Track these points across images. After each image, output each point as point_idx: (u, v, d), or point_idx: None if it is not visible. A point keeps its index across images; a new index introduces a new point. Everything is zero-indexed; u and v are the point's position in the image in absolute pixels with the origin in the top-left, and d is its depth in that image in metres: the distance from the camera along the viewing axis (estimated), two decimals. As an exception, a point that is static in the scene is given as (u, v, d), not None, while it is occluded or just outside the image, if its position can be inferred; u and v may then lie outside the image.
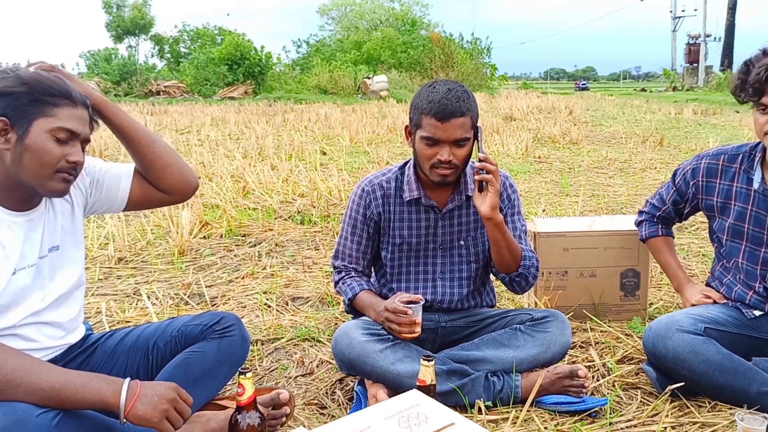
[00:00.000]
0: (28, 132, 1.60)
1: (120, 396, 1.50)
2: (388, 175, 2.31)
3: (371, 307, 2.20)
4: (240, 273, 3.67)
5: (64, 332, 1.86)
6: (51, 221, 1.80)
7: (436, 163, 2.09)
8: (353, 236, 2.32)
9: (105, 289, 3.42)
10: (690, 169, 2.37)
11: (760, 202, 2.17)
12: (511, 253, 2.17)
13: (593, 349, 2.55)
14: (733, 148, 2.30)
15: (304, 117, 15.33)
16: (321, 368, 2.45)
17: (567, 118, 14.85)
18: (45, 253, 1.77)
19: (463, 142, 2.08)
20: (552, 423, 2.00)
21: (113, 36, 50.38)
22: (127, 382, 1.53)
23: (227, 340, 1.98)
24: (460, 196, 2.25)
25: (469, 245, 2.30)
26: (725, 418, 1.99)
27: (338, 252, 2.37)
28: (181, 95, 27.30)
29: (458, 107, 2.04)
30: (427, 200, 2.24)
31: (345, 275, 2.33)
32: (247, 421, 1.67)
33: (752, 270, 2.21)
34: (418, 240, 2.27)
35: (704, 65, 38.98)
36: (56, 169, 1.64)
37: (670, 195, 2.47)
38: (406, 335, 2.04)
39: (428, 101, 2.06)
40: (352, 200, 2.32)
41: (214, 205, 5.28)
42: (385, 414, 1.37)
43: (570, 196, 5.82)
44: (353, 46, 37.55)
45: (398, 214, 2.27)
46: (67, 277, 1.85)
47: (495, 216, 2.08)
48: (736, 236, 2.22)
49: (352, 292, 2.26)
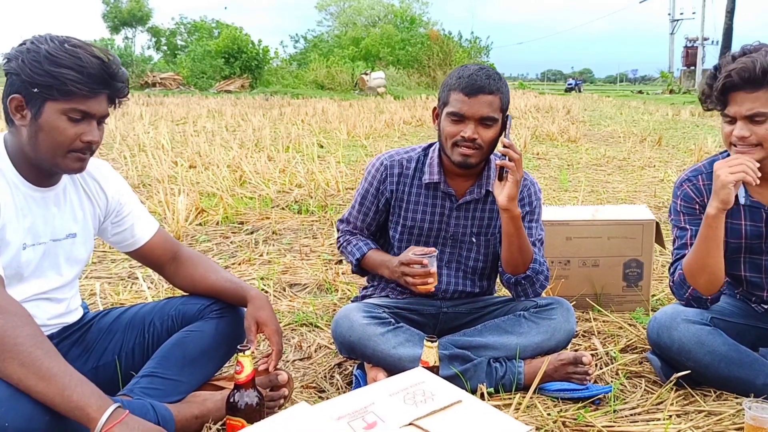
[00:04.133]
0: (42, 111, 1.56)
1: (103, 414, 1.35)
2: (411, 154, 2.26)
3: (383, 264, 2.17)
4: (236, 259, 3.62)
5: (64, 311, 1.83)
6: (71, 208, 1.78)
7: (459, 141, 2.04)
8: (361, 206, 2.28)
9: (99, 272, 3.37)
10: (681, 199, 2.15)
11: (750, 215, 2.08)
12: (521, 252, 2.11)
13: (596, 338, 2.52)
14: (706, 165, 2.16)
15: (301, 111, 15.26)
16: (319, 353, 2.41)
17: (565, 117, 14.83)
18: (61, 237, 1.75)
19: (489, 122, 2.03)
20: (555, 410, 1.96)
21: (110, 27, 50.14)
22: (116, 406, 1.37)
23: (225, 320, 1.94)
24: (480, 189, 2.20)
25: (480, 244, 2.25)
26: (731, 407, 1.96)
27: (345, 217, 2.35)
28: (177, 87, 27.19)
29: (487, 84, 2.00)
30: (446, 187, 2.20)
31: (350, 236, 2.31)
32: (245, 400, 1.63)
33: (756, 280, 2.14)
34: (430, 226, 2.23)
35: (701, 68, 39.06)
36: (70, 149, 1.60)
37: (690, 235, 2.11)
38: (421, 288, 2.01)
39: (458, 77, 2.05)
40: (369, 171, 2.28)
41: (211, 194, 5.23)
42: (389, 390, 1.33)
43: (569, 192, 5.79)
44: (351, 42, 37.47)
45: (414, 197, 2.22)
46: (77, 265, 1.84)
47: (511, 207, 2.03)
48: (735, 252, 2.11)
49: (360, 252, 2.24)
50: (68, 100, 1.55)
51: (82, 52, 1.56)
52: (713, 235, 1.97)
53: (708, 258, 2.00)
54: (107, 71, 1.58)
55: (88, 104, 1.58)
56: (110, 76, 1.60)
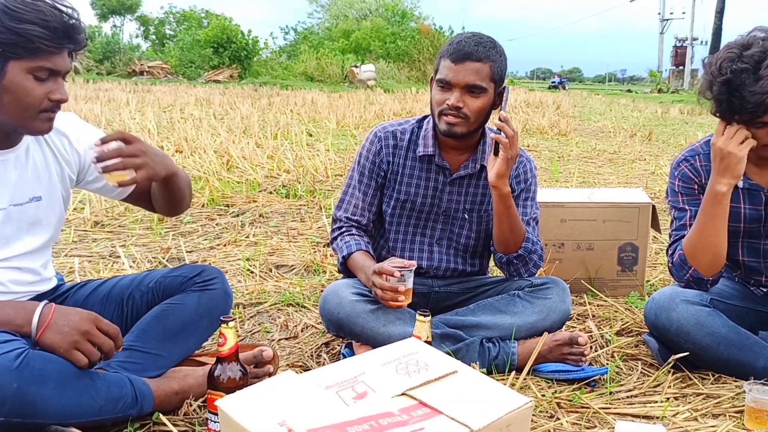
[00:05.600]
0: (5, 72, 1.45)
1: (31, 323, 1.46)
2: (405, 126, 2.19)
3: (362, 269, 2.04)
4: (222, 240, 3.53)
5: (35, 278, 1.74)
6: (34, 170, 1.67)
7: (445, 109, 1.97)
8: (360, 184, 2.17)
9: (80, 250, 3.27)
10: (679, 180, 2.09)
11: (749, 198, 2.02)
12: (512, 231, 2.05)
13: (591, 320, 2.45)
14: (703, 145, 2.09)
15: (290, 101, 15.11)
16: (306, 332, 2.33)
17: (555, 112, 14.79)
18: (24, 201, 1.65)
19: (476, 90, 1.96)
20: (549, 391, 1.90)
21: (98, 14, 49.54)
22: (41, 307, 1.47)
23: (208, 294, 1.85)
24: (475, 164, 2.12)
25: (473, 220, 2.18)
26: (730, 390, 1.91)
27: (342, 202, 2.20)
28: (164, 76, 26.87)
29: (475, 50, 1.93)
30: (440, 160, 2.12)
31: (345, 231, 2.16)
32: (228, 374, 1.55)
33: (755, 264, 2.08)
34: (423, 201, 2.15)
35: (690, 68, 39.18)
36: (40, 110, 1.51)
37: (689, 216, 2.05)
38: (391, 303, 1.90)
39: (449, 44, 2.00)
40: (363, 146, 2.19)
41: (197, 177, 5.12)
42: (381, 360, 1.25)
43: (560, 182, 5.74)
44: (341, 35, 37.22)
45: (408, 169, 2.14)
46: (45, 230, 1.73)
47: (500, 185, 1.95)
48: (733, 236, 2.02)
49: (348, 250, 2.10)
50: (34, 58, 1.46)
51: (42, 5, 1.46)
52: (722, 213, 1.92)
53: (715, 237, 1.93)
54: (70, 24, 1.49)
55: (54, 61, 1.49)
56: (74, 29, 1.50)
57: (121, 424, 1.59)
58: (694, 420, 1.76)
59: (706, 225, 1.93)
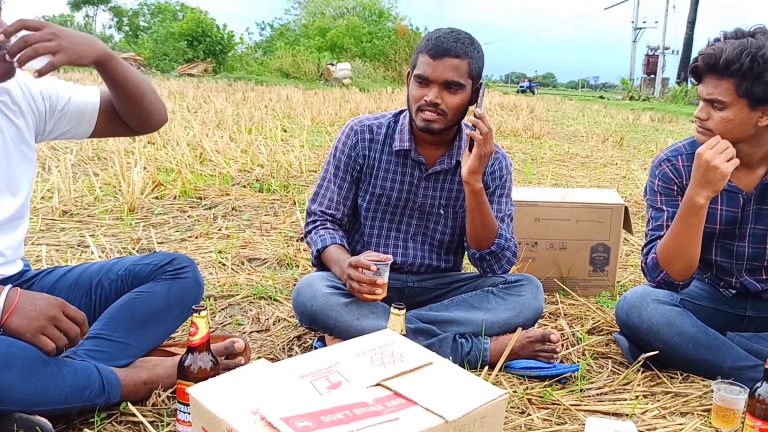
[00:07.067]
0: None
1: None
2: (381, 120, 2.17)
3: (337, 262, 2.02)
4: (194, 233, 3.48)
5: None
6: None
7: (423, 105, 1.96)
8: (336, 178, 2.16)
9: (47, 239, 3.20)
10: (659, 179, 2.09)
11: (727, 199, 2.03)
12: (485, 228, 2.04)
13: (563, 319, 2.47)
14: (686, 146, 2.09)
15: (265, 96, 15.02)
16: (278, 325, 2.31)
17: (529, 115, 14.90)
18: None
19: (454, 87, 1.95)
20: (521, 387, 1.90)
21: (70, 4, 48.73)
22: (6, 291, 1.44)
23: (179, 282, 1.82)
24: (450, 159, 2.12)
25: (448, 216, 2.17)
26: (698, 389, 1.93)
27: (317, 195, 2.18)
28: (138, 68, 26.51)
29: (454, 47, 1.92)
30: (416, 155, 2.11)
31: (319, 225, 2.13)
32: (199, 363, 1.52)
33: (726, 265, 2.09)
34: (398, 196, 2.14)
35: (661, 77, 39.84)
36: None
37: (666, 217, 2.05)
38: (367, 296, 1.89)
39: (427, 39, 1.98)
40: (339, 140, 2.17)
41: (169, 169, 5.06)
42: (356, 351, 1.24)
43: (533, 184, 5.78)
44: (318, 33, 37.12)
45: (384, 164, 2.13)
46: (7, 203, 1.66)
47: (471, 181, 1.95)
48: (708, 237, 2.02)
49: (323, 243, 2.07)
50: None
51: None
52: (697, 224, 1.91)
53: (688, 246, 1.94)
54: None
55: None
56: None
57: (87, 414, 1.56)
58: (662, 417, 1.78)
59: (680, 234, 1.93)
